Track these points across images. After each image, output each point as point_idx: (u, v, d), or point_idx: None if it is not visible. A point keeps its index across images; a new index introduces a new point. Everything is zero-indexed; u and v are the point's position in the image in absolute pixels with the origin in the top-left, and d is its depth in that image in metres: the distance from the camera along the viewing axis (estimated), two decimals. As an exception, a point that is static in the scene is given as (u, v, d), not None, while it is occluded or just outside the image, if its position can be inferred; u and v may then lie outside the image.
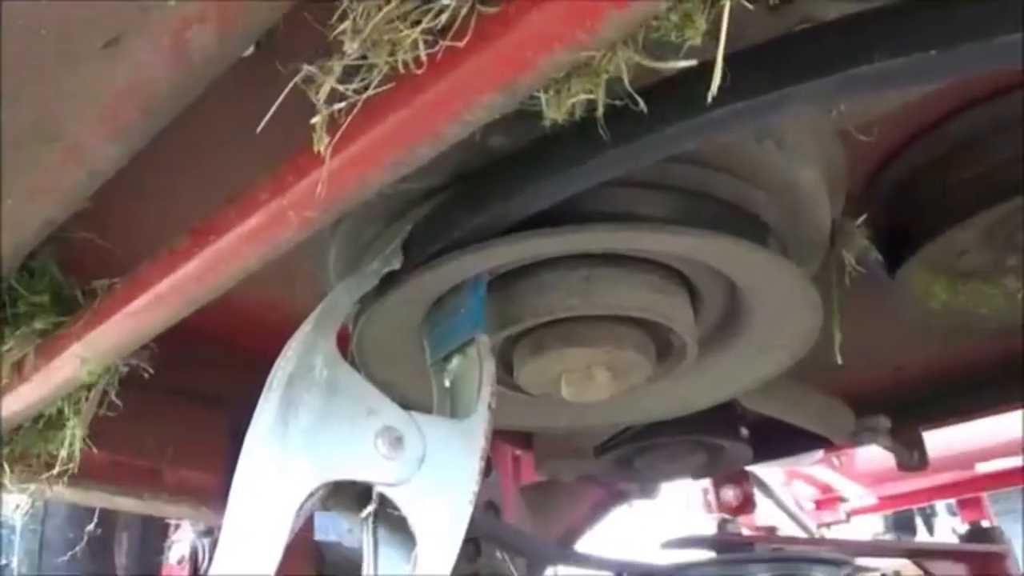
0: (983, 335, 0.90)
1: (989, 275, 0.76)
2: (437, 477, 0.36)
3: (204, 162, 0.48)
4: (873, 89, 0.30)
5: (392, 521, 0.37)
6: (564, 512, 1.45)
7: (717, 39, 0.29)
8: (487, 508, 1.13)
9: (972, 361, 0.98)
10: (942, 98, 0.60)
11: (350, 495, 0.37)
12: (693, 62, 0.29)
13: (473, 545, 1.06)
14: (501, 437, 1.10)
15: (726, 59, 0.29)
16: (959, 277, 0.75)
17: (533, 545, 1.13)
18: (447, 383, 0.44)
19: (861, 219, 0.50)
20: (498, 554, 1.08)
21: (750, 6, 0.28)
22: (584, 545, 1.48)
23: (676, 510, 1.84)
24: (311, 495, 0.33)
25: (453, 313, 0.45)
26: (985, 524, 1.34)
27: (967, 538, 1.28)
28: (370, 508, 0.36)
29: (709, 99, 0.29)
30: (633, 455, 1.08)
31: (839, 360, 0.47)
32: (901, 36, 0.29)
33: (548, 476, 1.12)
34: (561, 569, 1.45)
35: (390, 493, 0.35)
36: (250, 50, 0.34)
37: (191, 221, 0.40)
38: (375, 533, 0.37)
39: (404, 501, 0.35)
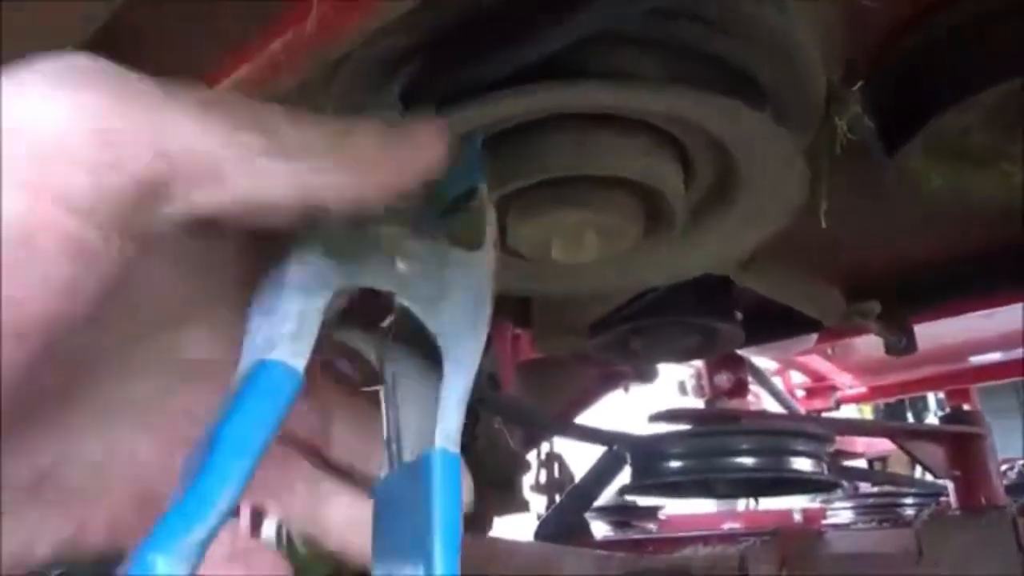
0: (980, 226, 0.90)
1: (990, 159, 0.75)
2: (456, 299, 0.36)
3: (200, 11, 0.48)
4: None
5: (409, 340, 0.38)
6: (561, 391, 1.50)
7: None
8: (489, 380, 1.15)
9: (967, 253, 0.98)
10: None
11: (372, 312, 0.37)
12: None
13: (472, 413, 1.09)
14: (500, 314, 1.12)
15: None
16: (958, 160, 0.74)
17: (531, 416, 1.18)
18: (450, 230, 0.45)
19: (858, 85, 0.50)
20: (496, 423, 1.13)
21: None
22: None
23: (671, 395, 1.90)
24: (335, 296, 0.34)
25: (451, 167, 0.45)
26: (966, 407, 1.38)
27: (946, 420, 1.32)
28: (390, 319, 0.37)
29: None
30: (628, 336, 1.10)
31: (823, 224, 0.48)
32: None
33: (545, 352, 1.15)
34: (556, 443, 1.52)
35: (413, 309, 0.36)
36: None
37: (189, 68, 0.41)
38: (393, 348, 0.38)
39: (425, 317, 0.36)
